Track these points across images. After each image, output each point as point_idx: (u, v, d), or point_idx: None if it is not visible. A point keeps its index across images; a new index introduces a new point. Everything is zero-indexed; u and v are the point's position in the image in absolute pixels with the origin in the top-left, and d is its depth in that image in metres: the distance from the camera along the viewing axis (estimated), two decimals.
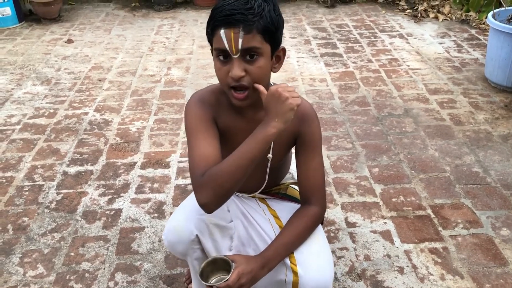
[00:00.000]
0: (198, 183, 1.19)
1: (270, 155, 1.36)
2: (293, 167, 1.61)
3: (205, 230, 1.36)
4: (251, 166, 1.16)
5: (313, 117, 1.35)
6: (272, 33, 1.18)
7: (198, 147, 1.24)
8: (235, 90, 1.21)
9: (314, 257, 1.30)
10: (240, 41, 1.14)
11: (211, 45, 1.22)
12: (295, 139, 1.38)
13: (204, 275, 1.26)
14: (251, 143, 1.15)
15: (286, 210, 1.45)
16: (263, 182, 1.45)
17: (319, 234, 1.38)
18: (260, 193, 1.52)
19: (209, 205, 1.19)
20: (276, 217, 1.45)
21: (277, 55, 1.26)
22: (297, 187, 1.56)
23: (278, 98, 1.14)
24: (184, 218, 1.35)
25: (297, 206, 1.42)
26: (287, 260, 1.30)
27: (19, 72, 3.69)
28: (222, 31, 1.15)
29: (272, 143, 1.35)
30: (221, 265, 1.27)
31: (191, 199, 1.34)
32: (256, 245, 1.41)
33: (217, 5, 1.18)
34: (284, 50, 1.27)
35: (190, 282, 1.74)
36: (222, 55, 1.18)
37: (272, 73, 1.28)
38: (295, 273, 1.28)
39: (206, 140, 1.25)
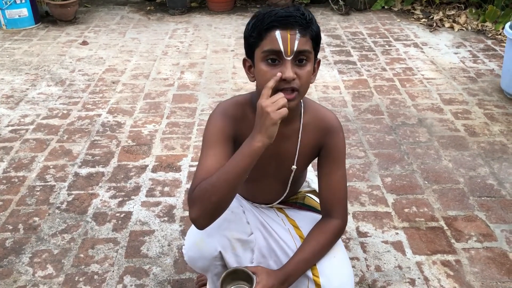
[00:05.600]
0: (189, 198, 1.19)
1: (294, 167, 1.35)
2: (309, 175, 1.59)
3: (228, 246, 1.34)
4: (239, 181, 1.15)
5: (338, 130, 1.34)
6: (318, 43, 1.21)
7: (205, 160, 1.24)
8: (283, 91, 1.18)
9: (337, 268, 1.29)
10: (296, 42, 1.14)
11: (252, 48, 1.20)
12: (318, 151, 1.36)
13: (224, 284, 1.25)
14: (238, 158, 1.14)
15: (305, 219, 1.43)
16: (283, 193, 1.44)
17: (339, 245, 1.36)
18: (278, 203, 1.50)
19: (198, 220, 1.18)
20: (296, 227, 1.43)
21: (314, 66, 1.25)
22: (313, 196, 1.55)
23: (261, 113, 1.11)
24: (206, 235, 1.32)
25: (316, 215, 1.41)
26: (309, 273, 1.29)
27: (34, 73, 3.72)
28: (278, 32, 1.14)
29: (297, 154, 1.34)
30: (241, 276, 1.26)
31: None
32: (277, 256, 1.40)
33: (265, 11, 1.17)
34: (319, 62, 1.27)
35: (201, 286, 1.74)
36: (271, 58, 1.16)
37: None
38: (317, 285, 1.26)
39: (216, 155, 1.24)
